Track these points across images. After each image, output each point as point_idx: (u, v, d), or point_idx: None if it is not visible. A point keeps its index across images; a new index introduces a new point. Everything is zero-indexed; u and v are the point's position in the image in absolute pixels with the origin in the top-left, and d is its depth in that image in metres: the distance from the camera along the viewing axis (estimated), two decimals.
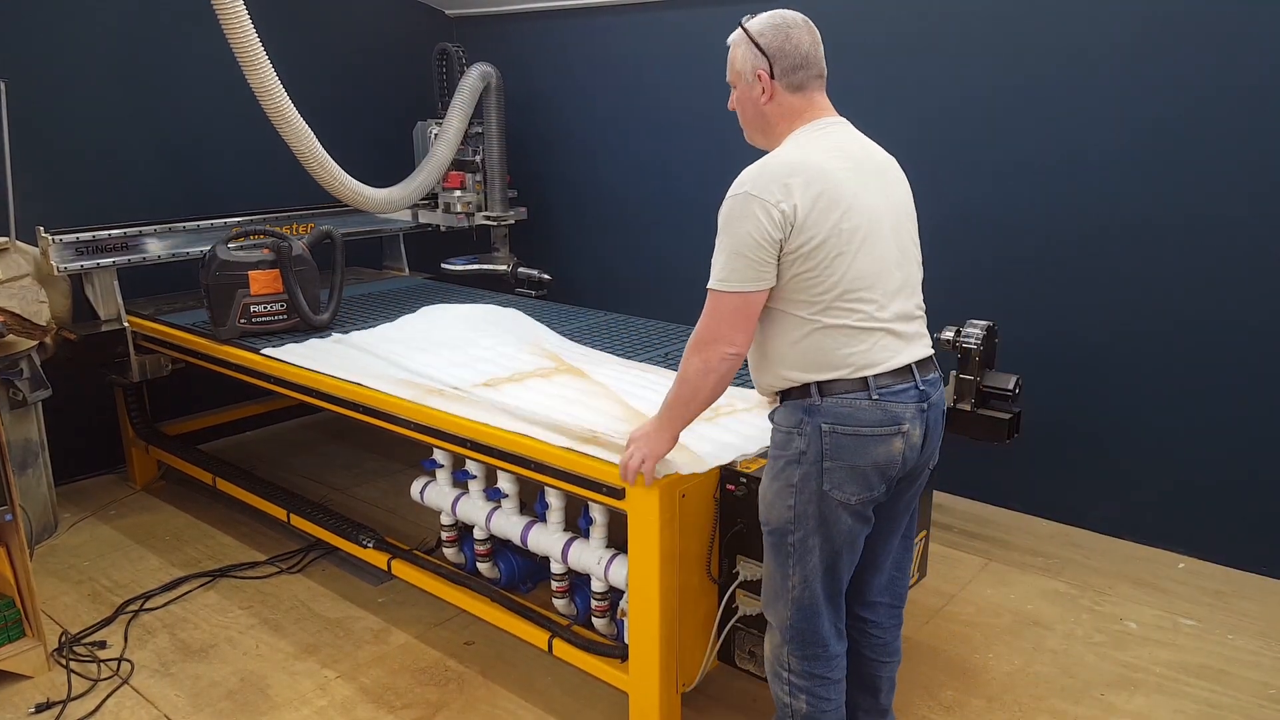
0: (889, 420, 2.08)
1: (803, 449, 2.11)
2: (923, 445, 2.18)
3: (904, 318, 2.14)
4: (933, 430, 2.21)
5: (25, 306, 3.71)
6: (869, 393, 2.08)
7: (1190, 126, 3.57)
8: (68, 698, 2.98)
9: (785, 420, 2.16)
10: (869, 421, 2.08)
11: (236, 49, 3.86)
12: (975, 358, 3.58)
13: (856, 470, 2.08)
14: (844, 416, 2.08)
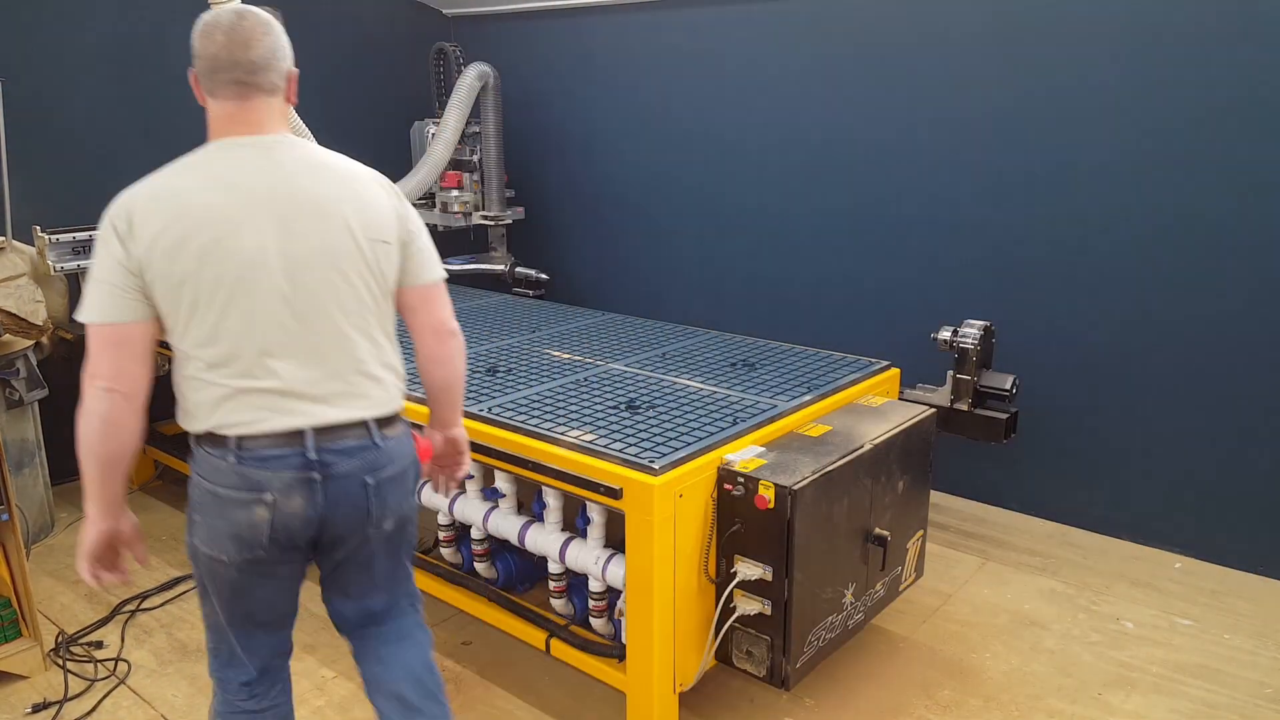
0: (248, 486, 1.87)
1: (190, 496, 1.98)
2: (325, 515, 1.93)
3: (308, 381, 1.89)
4: (340, 500, 1.93)
5: (21, 306, 3.70)
6: (228, 453, 1.88)
7: (1187, 128, 3.58)
8: (65, 698, 2.97)
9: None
10: (226, 484, 1.89)
11: None
12: (972, 358, 3.60)
13: (218, 530, 1.91)
14: (209, 473, 1.91)
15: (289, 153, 1.98)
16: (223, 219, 1.84)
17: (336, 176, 2.02)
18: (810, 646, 2.65)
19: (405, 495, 2.09)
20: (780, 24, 4.56)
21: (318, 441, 1.90)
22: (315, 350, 1.92)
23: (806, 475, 2.51)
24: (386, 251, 2.01)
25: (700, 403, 3.03)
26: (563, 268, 5.64)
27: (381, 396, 2.00)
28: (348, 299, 1.95)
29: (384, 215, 2.02)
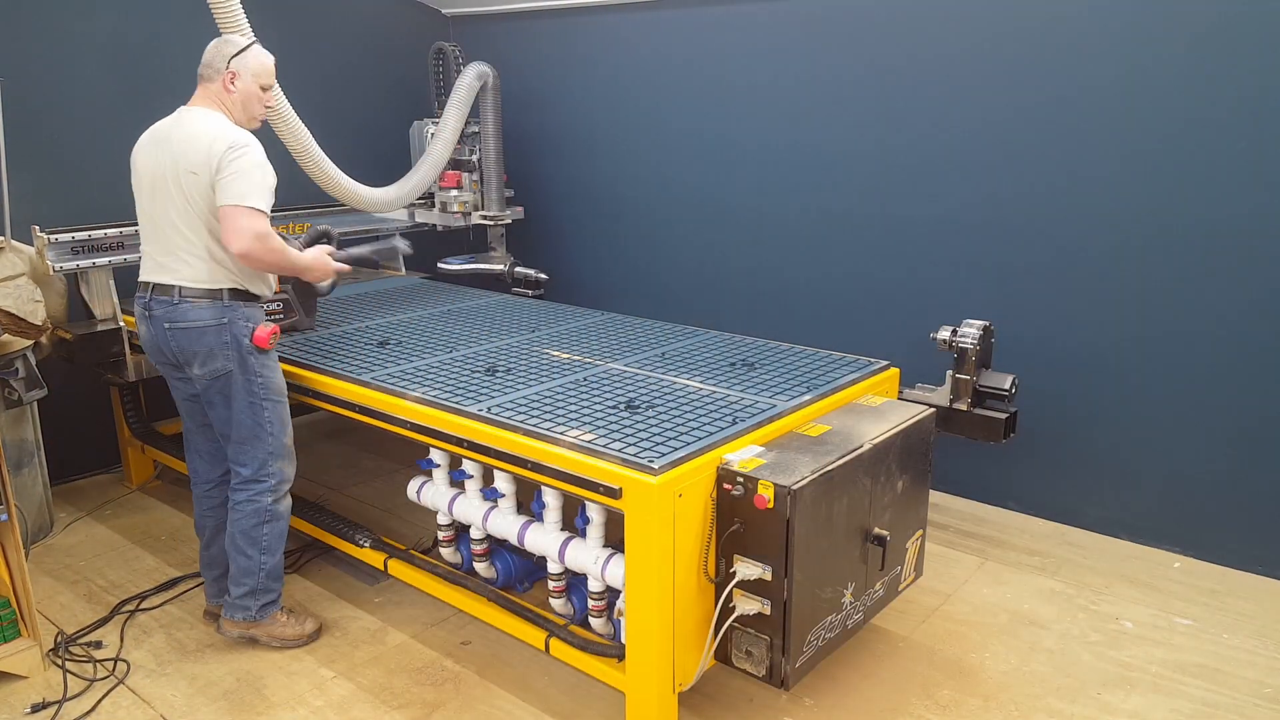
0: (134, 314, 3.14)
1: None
2: (151, 341, 3.08)
3: (151, 254, 3.06)
4: (154, 336, 3.05)
5: (21, 306, 3.70)
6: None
7: (1186, 130, 3.58)
8: (64, 698, 2.97)
9: None
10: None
11: None
12: (972, 357, 3.59)
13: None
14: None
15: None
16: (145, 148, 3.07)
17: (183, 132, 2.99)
18: (810, 646, 2.65)
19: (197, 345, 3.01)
20: (780, 25, 4.56)
21: (151, 295, 3.02)
22: (157, 236, 3.03)
23: (806, 475, 2.51)
24: (195, 181, 2.92)
25: (700, 402, 3.03)
26: (562, 267, 5.63)
27: (187, 272, 2.97)
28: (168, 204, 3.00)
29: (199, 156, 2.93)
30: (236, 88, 3.03)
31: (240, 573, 3.16)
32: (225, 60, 3.02)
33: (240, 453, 3.13)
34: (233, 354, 3.01)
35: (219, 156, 2.87)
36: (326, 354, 3.62)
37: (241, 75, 3.03)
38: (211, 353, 2.99)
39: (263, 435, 3.11)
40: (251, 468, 3.13)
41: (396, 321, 4.16)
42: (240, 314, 3.03)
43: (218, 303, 2.99)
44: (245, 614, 3.19)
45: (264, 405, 3.09)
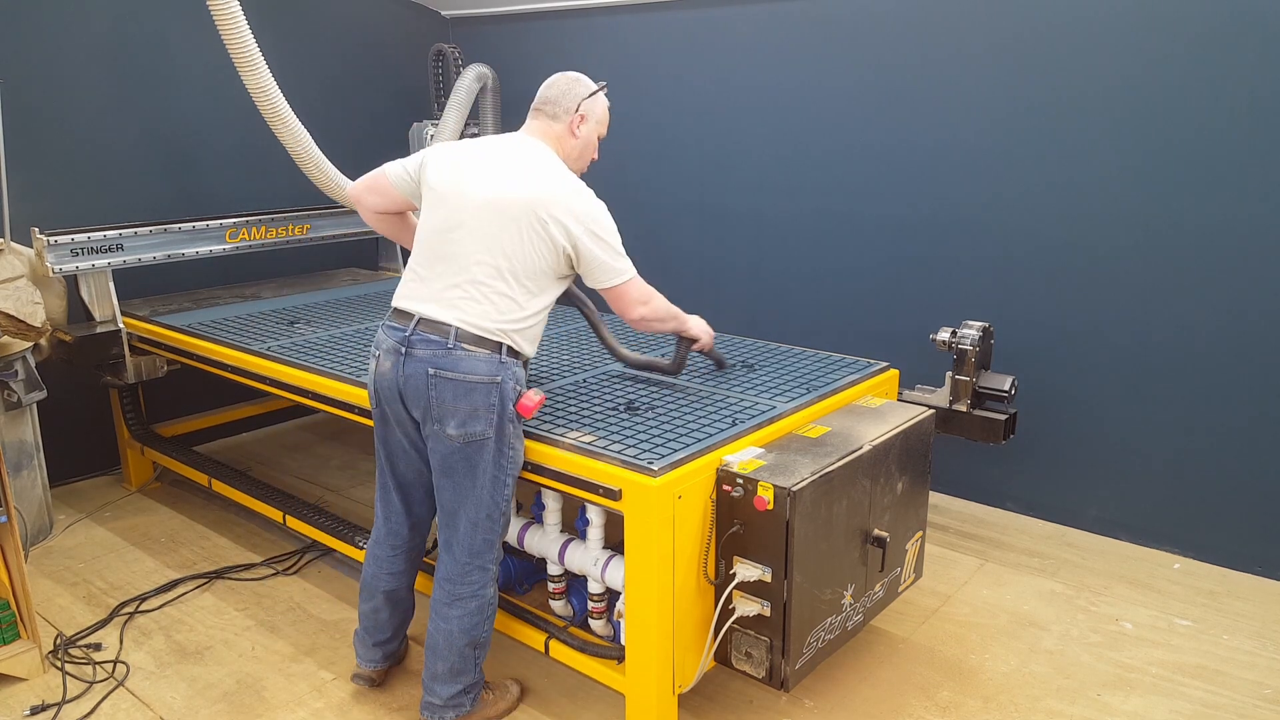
0: (375, 342, 2.72)
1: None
2: (396, 385, 2.62)
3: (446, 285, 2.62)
4: (408, 378, 2.59)
5: (20, 308, 3.70)
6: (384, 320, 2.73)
7: (1186, 130, 3.58)
8: (63, 700, 2.97)
9: None
10: (374, 341, 2.74)
11: (232, 50, 3.86)
12: (971, 358, 3.59)
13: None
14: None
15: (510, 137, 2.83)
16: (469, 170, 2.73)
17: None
18: (809, 648, 2.65)
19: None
20: (780, 25, 4.56)
21: (415, 329, 2.61)
22: (448, 262, 2.68)
23: (805, 476, 2.51)
24: (541, 231, 2.63)
25: (699, 404, 3.03)
26: None
27: (473, 311, 2.60)
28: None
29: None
30: (580, 134, 2.77)
31: (452, 674, 2.72)
32: (577, 101, 2.74)
33: (468, 535, 2.66)
34: (495, 418, 2.57)
35: (584, 226, 2.61)
36: (326, 355, 3.62)
37: (588, 121, 2.77)
38: (476, 412, 2.55)
39: (497, 517, 2.67)
40: (483, 552, 2.68)
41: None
42: (511, 373, 2.61)
43: (494, 356, 2.58)
44: (458, 712, 2.75)
45: (507, 483, 2.66)
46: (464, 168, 2.66)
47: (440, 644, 2.71)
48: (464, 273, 2.58)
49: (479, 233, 2.58)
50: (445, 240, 2.62)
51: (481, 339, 2.57)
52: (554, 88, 2.77)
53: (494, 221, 2.57)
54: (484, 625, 2.74)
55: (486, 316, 2.58)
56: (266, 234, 4.76)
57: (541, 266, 2.62)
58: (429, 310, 2.59)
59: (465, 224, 2.59)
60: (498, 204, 2.57)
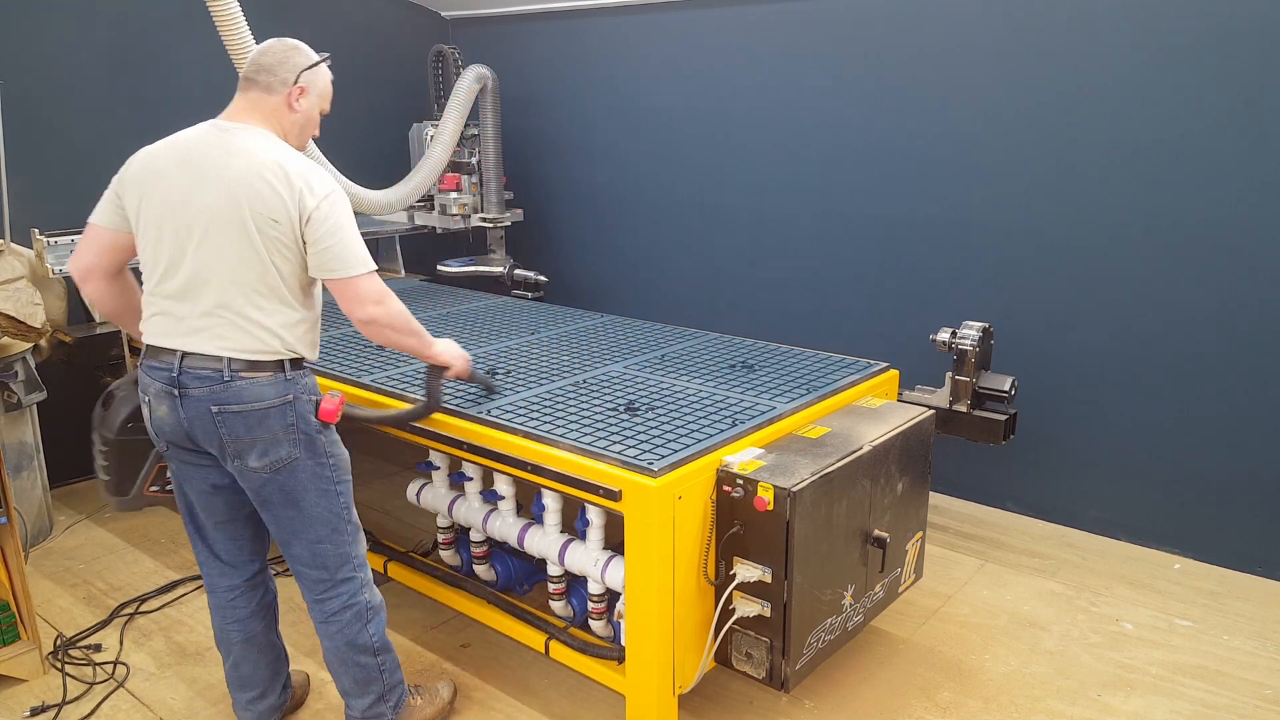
0: (142, 387, 2.43)
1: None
2: (181, 428, 2.37)
3: (197, 312, 2.32)
4: (192, 420, 2.34)
5: (20, 309, 3.70)
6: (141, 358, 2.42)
7: (1186, 130, 3.58)
8: (63, 701, 2.97)
9: None
10: (139, 383, 2.45)
11: (232, 51, 3.86)
12: (971, 359, 3.59)
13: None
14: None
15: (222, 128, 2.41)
16: (176, 173, 2.35)
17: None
18: (810, 648, 2.65)
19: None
20: (779, 26, 4.56)
21: (181, 368, 2.34)
22: (195, 289, 2.36)
23: (805, 477, 2.51)
24: (276, 230, 2.32)
25: (699, 404, 3.03)
26: (562, 270, 5.63)
27: (241, 339, 2.35)
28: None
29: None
30: (300, 108, 2.47)
31: (358, 685, 2.63)
32: (296, 71, 2.44)
33: (320, 554, 2.50)
34: (299, 437, 2.39)
35: (315, 204, 2.30)
36: (325, 356, 3.62)
37: (309, 94, 2.49)
38: (275, 439, 2.36)
39: (342, 525, 2.51)
40: (337, 566, 2.53)
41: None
42: (302, 386, 2.41)
43: (279, 376, 2.36)
44: None
45: (338, 490, 2.49)
46: (166, 175, 2.32)
47: (334, 660, 2.63)
48: (215, 300, 2.30)
49: (212, 247, 2.28)
50: (178, 264, 2.30)
51: (258, 364, 2.33)
52: (269, 54, 2.45)
53: (221, 230, 2.27)
54: (367, 631, 2.59)
55: (256, 339, 2.33)
56: None
57: (286, 267, 2.34)
58: (193, 344, 2.31)
59: (191, 242, 2.28)
60: (216, 209, 2.27)
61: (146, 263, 2.38)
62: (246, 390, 2.32)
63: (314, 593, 2.57)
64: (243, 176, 2.27)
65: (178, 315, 2.33)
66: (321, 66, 2.56)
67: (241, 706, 2.74)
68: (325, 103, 2.60)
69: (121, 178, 2.41)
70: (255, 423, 2.33)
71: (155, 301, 2.37)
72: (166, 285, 2.34)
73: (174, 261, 2.31)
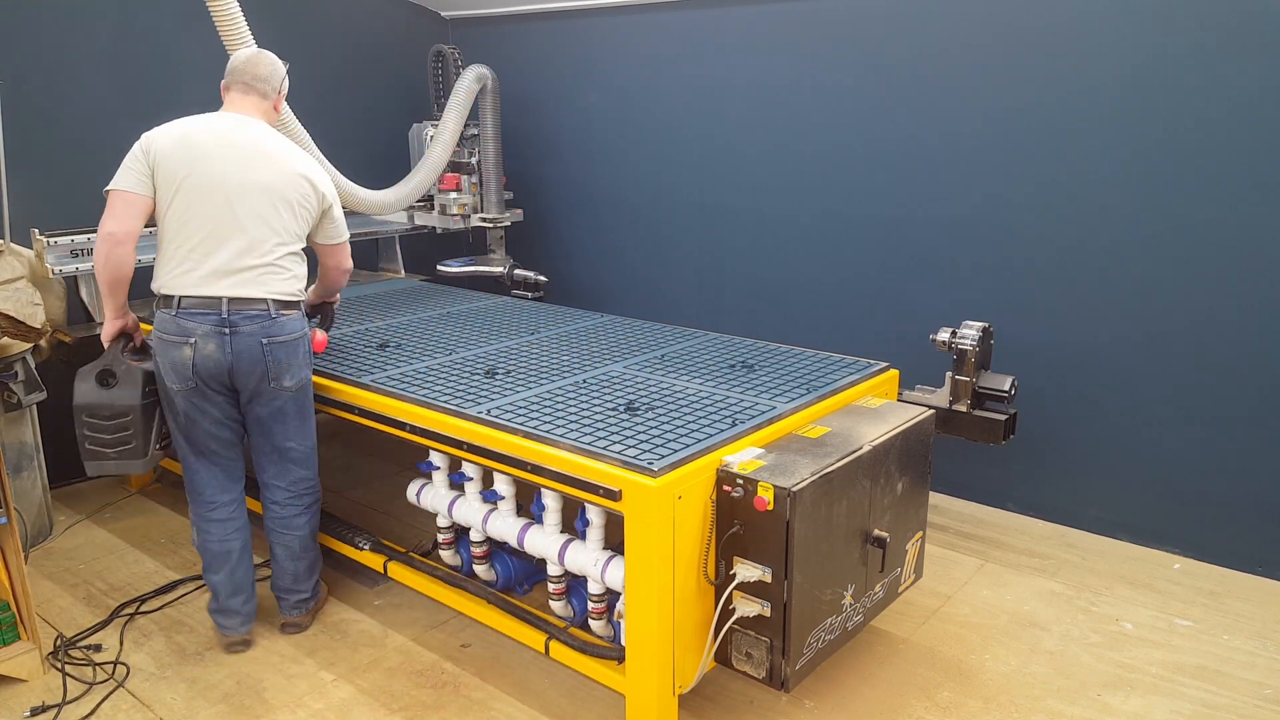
0: (181, 332, 2.89)
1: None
2: (224, 361, 2.91)
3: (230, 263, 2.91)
4: (239, 354, 2.91)
5: (20, 309, 3.70)
6: (172, 310, 2.91)
7: (1186, 130, 3.58)
8: (63, 701, 2.97)
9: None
10: (168, 331, 2.92)
11: (231, 51, 3.86)
12: (971, 359, 3.59)
13: (166, 366, 2.93)
14: (159, 324, 2.95)
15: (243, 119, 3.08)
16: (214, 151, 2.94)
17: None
18: (810, 648, 2.65)
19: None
20: (779, 26, 4.56)
21: (229, 309, 2.92)
22: (237, 246, 2.95)
23: (805, 477, 2.52)
24: (306, 212, 3.08)
25: (699, 404, 3.03)
26: (561, 270, 5.63)
27: (279, 285, 3.01)
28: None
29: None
30: (279, 111, 3.18)
31: (311, 566, 3.32)
32: (281, 81, 3.12)
33: (308, 457, 3.23)
34: (309, 361, 3.14)
35: (331, 194, 3.10)
36: (326, 356, 3.62)
37: (283, 99, 3.17)
38: (302, 363, 3.07)
39: (312, 439, 3.26)
40: (314, 468, 3.26)
41: (396, 324, 4.16)
42: (308, 323, 3.19)
43: (300, 313, 3.08)
44: (317, 596, 3.39)
45: (312, 410, 3.25)
46: (214, 156, 2.90)
47: (298, 548, 3.26)
48: (258, 254, 2.92)
49: (261, 215, 2.92)
50: (225, 226, 2.89)
51: (290, 304, 3.01)
52: (264, 66, 3.09)
53: (271, 202, 2.93)
54: (318, 520, 3.35)
55: (289, 285, 3.00)
56: None
57: (305, 233, 3.07)
58: (237, 290, 2.90)
59: (242, 209, 2.89)
60: (270, 186, 2.93)
61: (182, 227, 2.90)
62: (287, 324, 2.98)
63: (297, 491, 3.21)
64: (285, 169, 2.96)
65: (222, 268, 2.89)
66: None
67: (237, 611, 3.20)
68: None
69: (153, 152, 2.88)
70: (291, 350, 3.00)
71: (193, 258, 2.89)
72: (210, 244, 2.89)
73: (223, 224, 2.88)
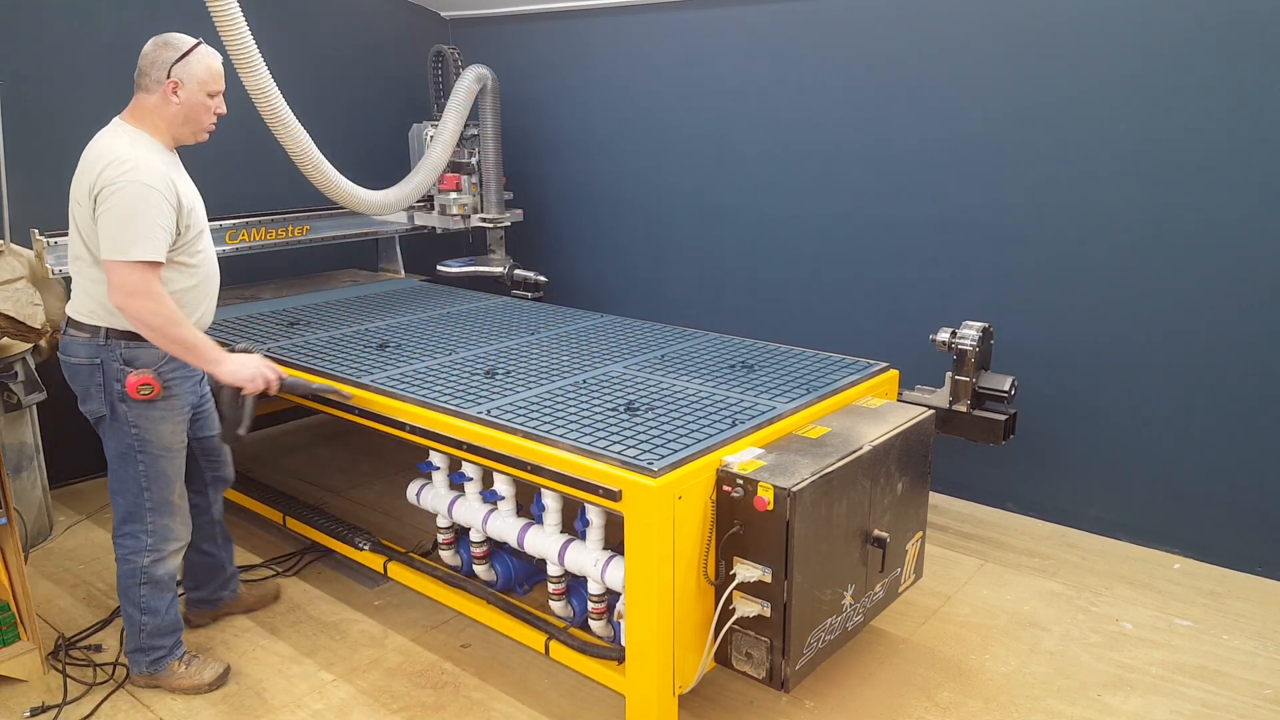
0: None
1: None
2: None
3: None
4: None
5: (20, 309, 3.70)
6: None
7: (1187, 131, 3.58)
8: (63, 701, 2.97)
9: None
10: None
11: (231, 51, 3.85)
12: (971, 359, 3.59)
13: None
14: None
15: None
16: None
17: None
18: (809, 648, 2.65)
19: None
20: (779, 26, 4.56)
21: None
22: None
23: (805, 477, 2.51)
24: (80, 212, 2.65)
25: (699, 404, 3.03)
26: (561, 270, 5.63)
27: (76, 302, 2.74)
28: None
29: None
30: (180, 99, 2.69)
31: (126, 627, 2.98)
32: (165, 68, 2.67)
33: (117, 498, 2.86)
34: (105, 398, 2.72)
35: (102, 186, 2.55)
36: (325, 356, 3.62)
37: (186, 84, 2.68)
38: (88, 393, 2.73)
39: (133, 488, 2.81)
40: (122, 517, 2.86)
41: (396, 324, 4.16)
42: (116, 354, 2.69)
43: (94, 340, 2.69)
44: (137, 670, 3.00)
45: (139, 459, 2.78)
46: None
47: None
48: (72, 264, 2.74)
49: (72, 224, 2.69)
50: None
51: (80, 325, 2.71)
52: (144, 58, 2.74)
53: (72, 206, 2.67)
54: (139, 592, 2.90)
55: (81, 303, 2.71)
56: (266, 235, 4.76)
57: (93, 238, 2.64)
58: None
59: (72, 216, 2.68)
60: (73, 195, 2.67)
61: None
62: (69, 345, 2.77)
63: (119, 531, 2.90)
64: (84, 161, 2.65)
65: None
66: (195, 52, 2.72)
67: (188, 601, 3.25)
68: (213, 84, 2.76)
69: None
70: (76, 375, 2.78)
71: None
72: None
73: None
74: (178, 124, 2.74)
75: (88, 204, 2.58)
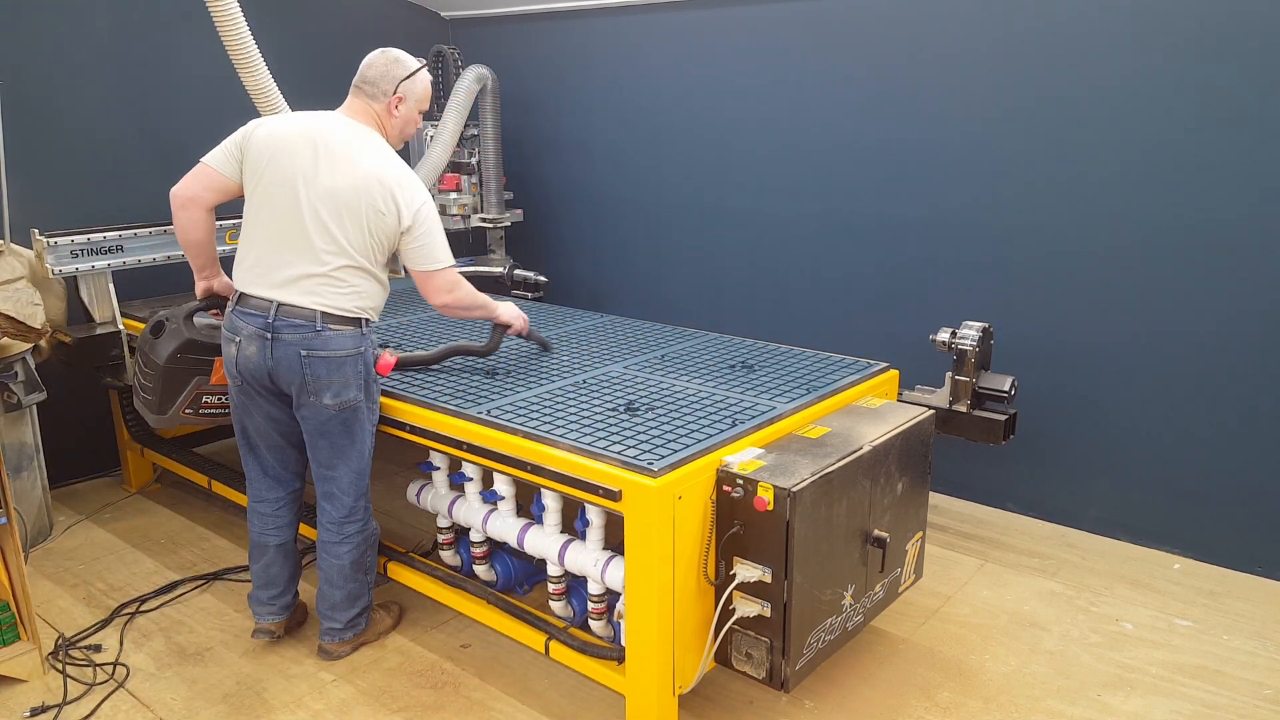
0: (231, 328, 2.91)
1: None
2: (264, 365, 2.85)
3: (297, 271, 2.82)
4: (279, 361, 2.84)
5: (20, 309, 3.70)
6: (232, 304, 2.93)
7: (1187, 131, 3.58)
8: (63, 701, 2.97)
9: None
10: (225, 324, 2.95)
11: (231, 51, 3.86)
12: (971, 359, 3.59)
13: (224, 357, 2.96)
14: (225, 315, 2.98)
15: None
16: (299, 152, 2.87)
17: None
18: (809, 648, 2.65)
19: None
20: (779, 27, 4.56)
21: (276, 315, 2.83)
22: (295, 249, 2.87)
23: (805, 477, 2.52)
24: (381, 221, 2.90)
25: (699, 404, 3.03)
26: (562, 270, 5.63)
27: (333, 297, 2.87)
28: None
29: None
30: (400, 113, 2.98)
31: (349, 598, 3.12)
32: (395, 83, 2.94)
33: (352, 484, 3.03)
34: (363, 383, 2.94)
35: (413, 213, 2.88)
36: None
37: (407, 100, 2.98)
38: (347, 382, 2.89)
39: (367, 465, 3.06)
40: (357, 496, 3.05)
41: (396, 324, 4.16)
42: (370, 341, 2.99)
43: (357, 331, 2.91)
44: (356, 630, 3.18)
45: (372, 435, 3.05)
46: (296, 153, 2.82)
47: (335, 576, 3.09)
48: (317, 263, 2.81)
49: (324, 222, 2.80)
50: (289, 228, 2.81)
51: (344, 319, 2.86)
52: (373, 68, 2.96)
53: (336, 211, 2.80)
54: (370, 553, 3.14)
55: (347, 300, 2.86)
56: None
57: (380, 251, 2.91)
58: (288, 297, 2.82)
59: (307, 212, 2.79)
60: (338, 193, 2.79)
61: (253, 221, 2.88)
62: (332, 339, 2.83)
63: (338, 516, 3.05)
64: (362, 177, 2.80)
65: (280, 271, 2.82)
66: (419, 73, 3.00)
67: (264, 602, 3.21)
68: (425, 103, 3.06)
69: (249, 137, 2.89)
70: (333, 367, 2.84)
71: (257, 256, 2.86)
72: (274, 244, 2.83)
73: (288, 226, 2.80)
74: (394, 133, 3.02)
75: (393, 219, 2.85)
